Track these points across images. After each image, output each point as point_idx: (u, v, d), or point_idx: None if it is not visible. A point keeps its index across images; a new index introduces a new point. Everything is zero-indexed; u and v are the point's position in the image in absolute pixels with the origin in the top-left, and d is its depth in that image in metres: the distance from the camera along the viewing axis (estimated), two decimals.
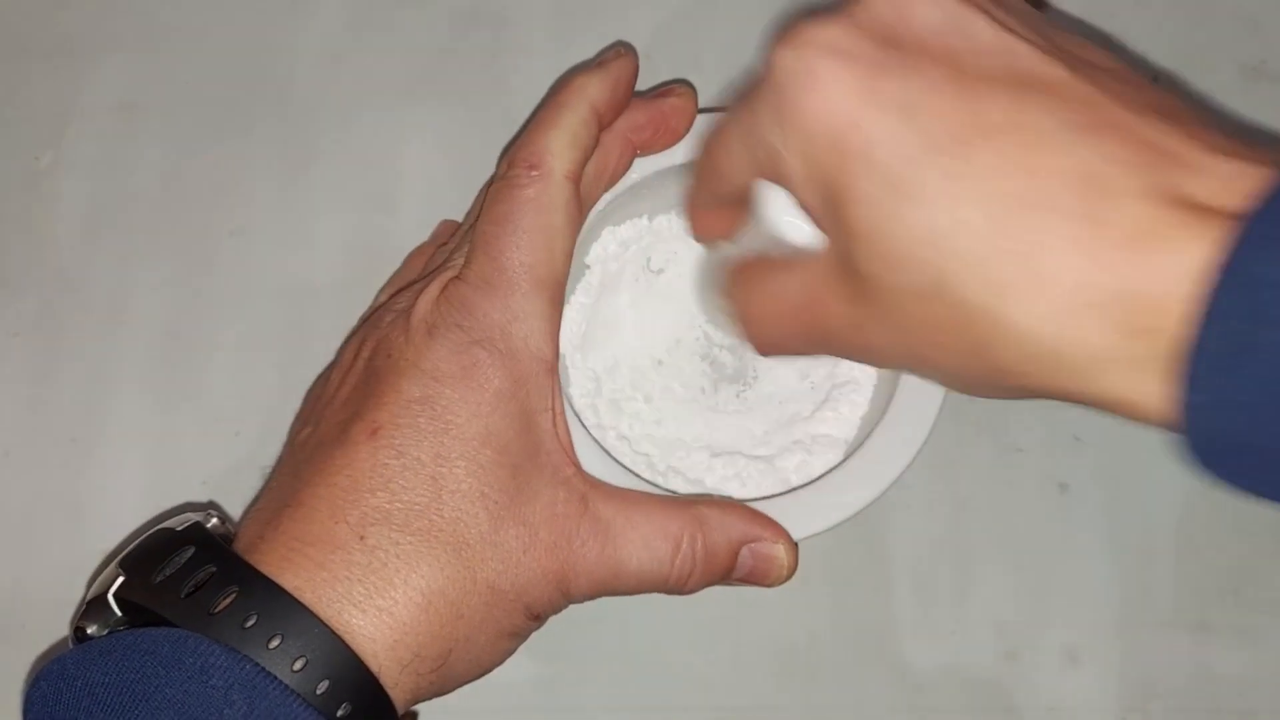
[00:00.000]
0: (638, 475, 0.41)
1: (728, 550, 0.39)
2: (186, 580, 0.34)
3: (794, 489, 0.41)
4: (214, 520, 0.37)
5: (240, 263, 0.50)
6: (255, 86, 0.52)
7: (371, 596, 0.34)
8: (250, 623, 0.33)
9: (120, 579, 0.35)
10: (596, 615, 0.43)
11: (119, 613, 0.35)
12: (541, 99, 0.47)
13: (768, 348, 0.37)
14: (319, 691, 0.33)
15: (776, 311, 0.35)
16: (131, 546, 0.36)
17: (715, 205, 0.38)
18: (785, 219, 0.34)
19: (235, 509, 0.46)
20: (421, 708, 0.38)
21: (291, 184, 0.51)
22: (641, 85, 0.43)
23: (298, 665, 0.33)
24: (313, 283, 0.49)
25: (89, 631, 0.35)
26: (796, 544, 0.40)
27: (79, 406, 0.48)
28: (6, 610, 0.46)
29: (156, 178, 0.51)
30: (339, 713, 0.33)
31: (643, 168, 0.43)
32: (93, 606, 0.35)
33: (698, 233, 0.40)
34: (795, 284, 0.34)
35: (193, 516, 0.37)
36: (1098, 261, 0.27)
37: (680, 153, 0.43)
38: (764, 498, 0.41)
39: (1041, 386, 0.29)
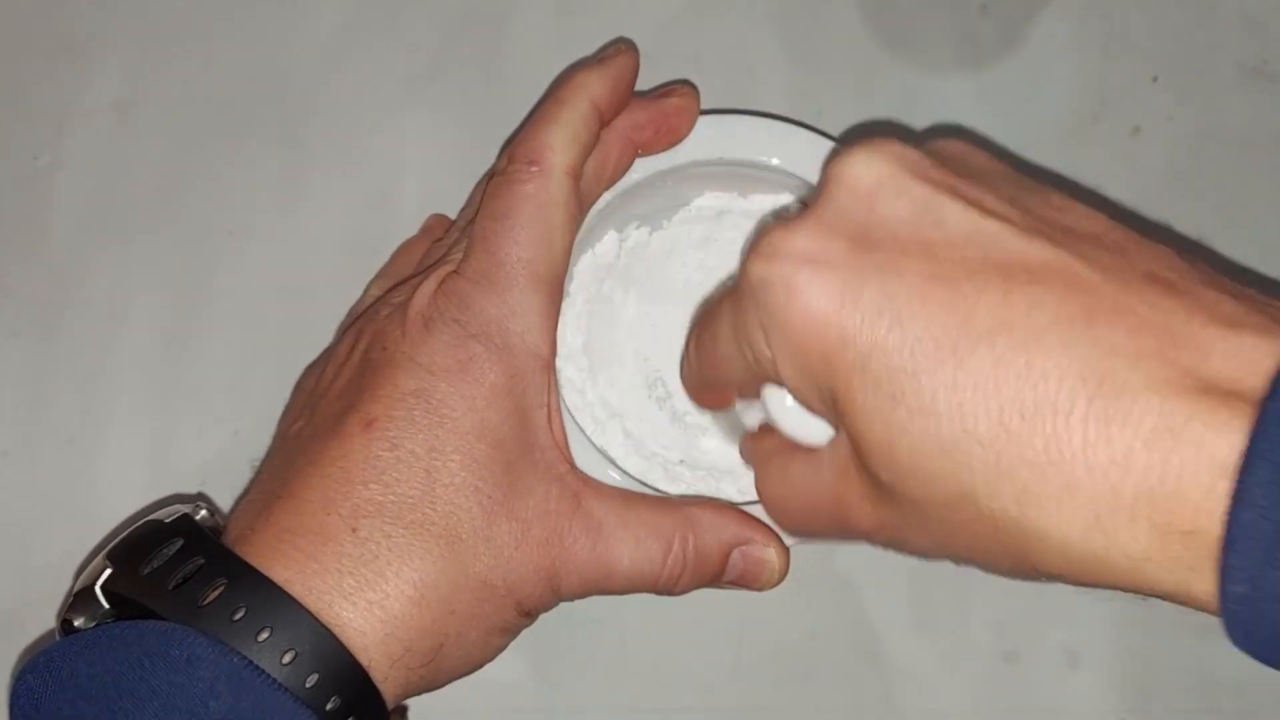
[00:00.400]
0: (630, 475, 0.41)
1: (719, 552, 0.39)
2: (174, 572, 0.34)
3: None
4: (203, 512, 0.37)
5: (238, 262, 0.50)
6: (255, 86, 0.52)
7: (362, 589, 0.34)
8: (239, 615, 0.33)
9: (108, 571, 0.35)
10: (595, 616, 0.43)
11: (106, 605, 0.34)
12: (541, 97, 0.47)
13: (797, 535, 0.36)
14: (308, 685, 0.33)
15: (802, 504, 0.34)
16: (119, 538, 0.36)
17: (717, 390, 0.37)
18: (795, 420, 0.33)
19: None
20: (421, 709, 0.38)
21: (290, 183, 0.51)
22: (642, 85, 0.43)
23: (287, 658, 0.33)
24: (311, 282, 0.49)
25: (76, 624, 0.34)
26: (788, 548, 0.40)
27: (77, 406, 0.48)
28: (4, 610, 0.46)
29: (155, 177, 0.51)
30: (328, 706, 0.33)
31: (644, 168, 0.43)
32: (80, 599, 0.35)
33: (701, 407, 0.39)
34: (818, 478, 0.33)
35: (181, 508, 0.37)
36: (1121, 466, 0.25)
37: (682, 153, 0.43)
38: (758, 501, 0.41)
39: (1087, 583, 0.28)
